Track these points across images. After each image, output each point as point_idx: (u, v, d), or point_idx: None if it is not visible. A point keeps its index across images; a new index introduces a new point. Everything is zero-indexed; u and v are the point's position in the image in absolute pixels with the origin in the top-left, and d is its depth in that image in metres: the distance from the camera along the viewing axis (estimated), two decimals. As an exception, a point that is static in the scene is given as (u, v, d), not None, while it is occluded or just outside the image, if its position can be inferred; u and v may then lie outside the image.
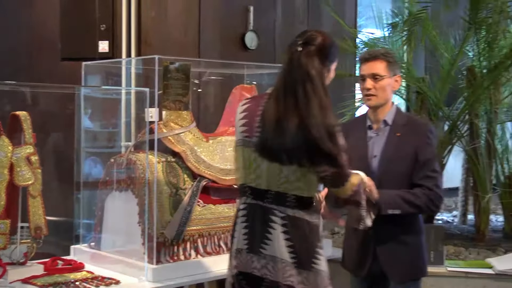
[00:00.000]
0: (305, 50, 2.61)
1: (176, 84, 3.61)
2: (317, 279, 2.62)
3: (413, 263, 3.16)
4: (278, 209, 2.62)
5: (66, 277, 3.20)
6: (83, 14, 4.80)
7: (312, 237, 2.63)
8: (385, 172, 3.10)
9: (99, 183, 3.67)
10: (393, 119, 3.16)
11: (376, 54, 3.16)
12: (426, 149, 3.08)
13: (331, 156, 2.52)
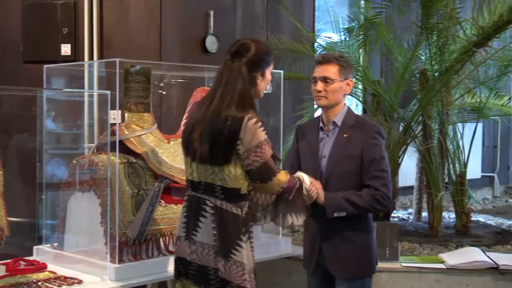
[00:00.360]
0: (235, 61, 2.74)
1: (137, 87, 3.61)
2: (232, 269, 2.68)
3: (358, 261, 3.15)
4: (209, 199, 2.75)
5: (28, 278, 3.18)
6: (45, 17, 4.78)
7: (235, 228, 2.72)
8: (333, 171, 3.12)
9: (62, 184, 3.65)
10: (342, 121, 3.18)
11: (329, 58, 3.18)
12: (372, 149, 3.10)
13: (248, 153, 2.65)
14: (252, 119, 2.65)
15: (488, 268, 3.76)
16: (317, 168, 3.16)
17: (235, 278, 2.69)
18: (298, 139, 3.36)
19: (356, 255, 3.15)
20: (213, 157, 2.70)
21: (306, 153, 3.26)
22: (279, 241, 3.96)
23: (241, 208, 2.74)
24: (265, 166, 2.70)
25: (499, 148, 8.15)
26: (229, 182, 2.70)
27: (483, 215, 6.11)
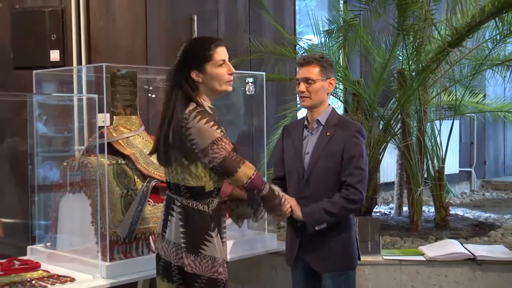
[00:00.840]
0: (177, 60, 2.81)
1: (123, 90, 3.62)
2: (203, 263, 2.71)
3: (339, 256, 3.16)
4: (177, 199, 2.78)
5: (22, 277, 3.18)
6: (34, 24, 4.76)
7: (202, 225, 2.73)
8: (315, 167, 3.14)
9: (54, 185, 3.65)
10: (326, 120, 3.20)
11: (310, 60, 3.20)
12: (352, 146, 3.11)
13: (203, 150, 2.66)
14: (197, 117, 2.66)
15: (465, 259, 3.80)
16: (299, 165, 3.19)
17: (206, 271, 2.72)
18: (283, 138, 3.38)
19: (336, 249, 3.16)
20: (170, 159, 2.74)
21: (290, 150, 3.28)
22: (264, 237, 3.98)
23: (208, 205, 2.76)
24: (227, 161, 2.69)
25: (475, 144, 8.20)
26: (191, 181, 2.73)
27: (461, 209, 6.16)
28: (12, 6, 4.82)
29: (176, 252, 2.75)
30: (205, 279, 2.71)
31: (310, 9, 5.95)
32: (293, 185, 3.23)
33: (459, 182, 7.74)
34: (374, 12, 4.83)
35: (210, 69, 2.76)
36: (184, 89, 2.74)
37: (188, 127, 2.65)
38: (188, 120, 2.66)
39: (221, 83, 2.80)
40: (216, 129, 2.67)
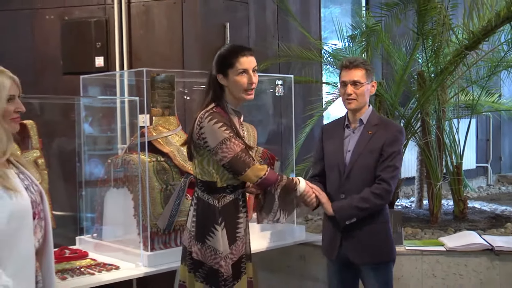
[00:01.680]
0: None
1: (162, 93, 3.62)
2: (207, 252, 2.75)
3: (378, 249, 3.11)
4: (196, 191, 2.87)
5: (72, 264, 3.23)
6: (81, 34, 4.83)
7: (209, 217, 2.76)
8: (355, 164, 3.10)
9: (99, 181, 3.68)
10: (368, 119, 3.16)
11: (356, 63, 3.13)
12: (392, 144, 3.06)
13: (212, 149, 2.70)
14: (207, 118, 2.68)
15: (484, 249, 3.74)
16: (341, 161, 3.14)
17: (209, 260, 2.74)
18: (323, 138, 3.32)
19: (375, 243, 3.11)
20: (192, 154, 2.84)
21: (331, 149, 3.23)
22: (294, 228, 3.95)
23: (218, 200, 2.77)
24: (235, 160, 2.69)
25: (491, 141, 8.08)
26: (204, 175, 2.79)
27: (478, 202, 6.06)
28: (62, 17, 4.90)
29: (189, 238, 2.82)
30: (207, 267, 2.75)
31: (334, 16, 5.91)
32: (333, 180, 3.18)
33: (476, 177, 7.63)
34: (395, 17, 4.79)
35: (231, 76, 2.77)
36: (212, 89, 2.80)
37: (202, 126, 2.71)
38: (202, 119, 2.70)
39: (240, 90, 2.78)
40: (224, 130, 2.68)
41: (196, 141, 2.75)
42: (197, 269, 2.78)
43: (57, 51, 4.89)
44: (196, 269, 2.78)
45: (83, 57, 4.81)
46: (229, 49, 2.86)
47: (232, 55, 2.78)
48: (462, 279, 3.72)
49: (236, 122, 2.86)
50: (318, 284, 3.94)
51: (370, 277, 3.15)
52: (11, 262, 1.99)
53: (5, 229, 1.97)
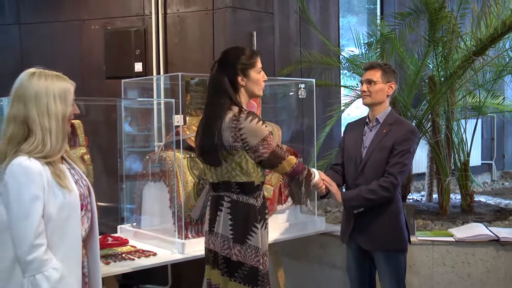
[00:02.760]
0: (214, 68, 2.69)
1: (196, 95, 3.62)
2: (247, 252, 2.58)
3: (385, 238, 3.10)
4: (226, 195, 2.65)
5: (114, 250, 3.24)
6: (122, 42, 4.86)
7: (250, 217, 2.61)
8: (369, 159, 3.10)
9: (138, 175, 3.69)
10: (384, 119, 3.14)
11: (373, 64, 3.19)
12: (402, 143, 3.04)
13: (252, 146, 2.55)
14: (248, 118, 2.55)
15: (490, 240, 3.67)
16: (358, 156, 3.16)
17: (250, 260, 2.59)
18: (346, 132, 3.36)
19: (386, 232, 3.10)
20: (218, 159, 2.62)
21: (351, 144, 3.24)
22: (315, 220, 3.91)
23: (256, 199, 2.63)
24: (274, 155, 2.61)
25: (495, 140, 7.98)
26: (243, 177, 2.60)
27: (484, 196, 5.98)
28: (105, 27, 4.93)
29: (223, 243, 2.62)
30: (248, 267, 2.59)
31: (351, 24, 5.90)
32: (350, 172, 3.20)
33: (481, 173, 7.52)
34: (408, 26, 4.75)
35: (253, 75, 2.68)
36: (229, 93, 2.62)
37: (240, 127, 2.54)
38: (240, 121, 2.54)
39: (259, 88, 2.72)
40: (265, 127, 2.59)
41: (231, 144, 2.56)
42: (235, 271, 2.61)
43: (101, 58, 4.93)
44: (234, 271, 2.61)
45: (123, 63, 4.83)
46: (245, 50, 2.74)
47: (253, 56, 2.71)
48: (470, 267, 3.66)
49: None
50: (336, 270, 3.91)
51: (381, 264, 3.14)
52: (61, 248, 2.02)
53: (56, 219, 2.00)
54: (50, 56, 4.93)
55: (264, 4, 4.87)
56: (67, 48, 5.03)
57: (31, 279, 1.93)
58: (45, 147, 2.01)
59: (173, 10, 4.78)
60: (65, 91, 2.08)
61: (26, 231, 1.92)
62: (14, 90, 2.06)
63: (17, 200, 1.93)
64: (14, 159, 1.97)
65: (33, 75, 2.06)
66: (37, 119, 2.01)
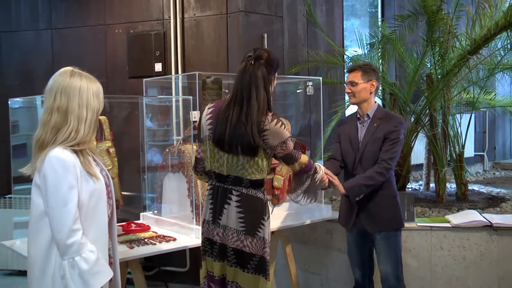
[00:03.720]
0: (256, 63, 2.50)
1: (211, 93, 3.59)
2: (258, 244, 2.49)
3: (388, 219, 3.16)
4: (235, 189, 2.52)
5: (137, 236, 3.24)
6: (143, 44, 4.84)
7: (260, 210, 2.52)
8: (365, 151, 3.14)
9: (158, 167, 3.68)
10: (374, 114, 3.19)
11: (353, 67, 3.21)
12: (392, 133, 3.09)
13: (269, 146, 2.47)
14: (274, 120, 2.45)
15: (484, 225, 3.63)
16: (354, 149, 3.19)
17: (259, 250, 2.50)
18: (340, 128, 3.38)
19: (386, 214, 3.15)
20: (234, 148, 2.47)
21: (346, 138, 3.26)
22: (321, 207, 3.87)
23: (263, 193, 2.55)
24: (288, 156, 2.57)
25: (487, 133, 7.93)
26: (257, 174, 2.50)
27: (477, 185, 5.94)
28: (128, 31, 4.93)
29: (233, 236, 2.50)
30: (258, 257, 2.50)
31: (355, 27, 5.86)
32: (349, 163, 3.24)
33: (474, 164, 7.47)
34: (408, 27, 4.71)
35: (276, 78, 2.63)
36: (268, 92, 2.51)
37: (266, 128, 2.43)
38: (265, 122, 2.43)
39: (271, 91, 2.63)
40: (286, 131, 2.51)
41: (258, 143, 2.44)
42: (248, 262, 2.51)
43: (124, 59, 4.93)
44: (247, 263, 2.51)
45: (145, 63, 4.81)
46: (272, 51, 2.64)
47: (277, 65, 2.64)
48: (465, 251, 3.62)
49: None
50: (341, 254, 3.88)
51: (381, 244, 3.17)
52: (91, 232, 2.05)
53: (87, 206, 2.04)
54: (78, 58, 4.94)
55: (274, 8, 4.82)
56: (94, 50, 5.04)
57: (71, 261, 1.95)
58: (78, 134, 2.05)
59: (190, 15, 4.76)
60: (99, 91, 2.16)
61: (65, 217, 1.95)
62: (56, 85, 2.09)
63: (56, 189, 1.96)
64: (51, 151, 2.00)
65: (74, 73, 2.12)
66: (77, 110, 2.06)
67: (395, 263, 3.17)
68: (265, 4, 4.74)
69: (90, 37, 5.06)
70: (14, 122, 3.35)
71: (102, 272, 2.01)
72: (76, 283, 1.94)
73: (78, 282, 1.94)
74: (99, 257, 2.00)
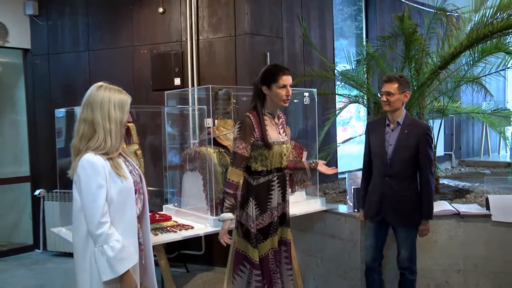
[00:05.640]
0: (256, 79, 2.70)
1: (222, 103, 3.57)
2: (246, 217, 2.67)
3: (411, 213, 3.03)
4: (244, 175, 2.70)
5: (161, 225, 3.22)
6: (164, 62, 4.80)
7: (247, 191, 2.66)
8: (396, 156, 3.00)
9: (178, 166, 3.66)
10: (403, 121, 3.04)
11: (391, 79, 3.03)
12: (425, 143, 2.96)
13: None
14: (236, 123, 2.65)
15: (453, 214, 3.55)
16: (384, 153, 3.03)
17: (246, 222, 2.65)
18: (369, 133, 3.20)
19: (410, 211, 3.02)
20: None
21: (376, 142, 3.10)
22: (317, 199, 3.83)
23: (253, 179, 2.66)
24: (233, 154, 2.67)
25: (454, 135, 7.86)
26: (250, 161, 2.67)
27: (446, 180, 5.84)
28: (152, 51, 4.91)
29: (239, 208, 2.70)
30: (245, 228, 2.66)
31: (344, 46, 5.82)
32: (378, 166, 3.08)
33: (443, 161, 7.40)
34: (388, 47, 4.64)
35: (274, 89, 2.63)
36: (257, 97, 2.66)
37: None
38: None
39: (279, 100, 2.65)
40: (238, 132, 2.62)
41: None
42: (240, 228, 2.71)
43: (148, 74, 4.89)
44: (239, 228, 2.71)
45: (166, 78, 4.77)
46: (274, 67, 2.70)
47: (277, 73, 2.64)
48: (437, 235, 3.54)
49: (271, 121, 2.72)
50: (334, 240, 3.82)
51: (403, 236, 3.06)
52: (121, 224, 2.02)
53: (116, 201, 2.01)
54: (110, 74, 4.93)
55: (275, 31, 4.78)
56: (123, 67, 5.02)
57: (100, 249, 1.95)
58: (106, 145, 2.01)
59: (204, 37, 4.71)
60: (123, 102, 2.08)
61: (94, 211, 1.94)
62: (85, 99, 2.06)
63: (87, 188, 1.95)
64: (84, 155, 1.99)
65: (100, 87, 2.07)
66: (101, 122, 2.01)
67: (411, 248, 3.07)
68: (267, 27, 4.70)
69: (120, 57, 5.04)
70: (59, 129, 3.42)
71: (127, 258, 1.98)
72: (104, 267, 1.94)
73: (106, 266, 1.94)
74: (124, 245, 1.98)
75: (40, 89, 5.43)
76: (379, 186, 3.06)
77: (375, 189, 3.10)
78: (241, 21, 4.54)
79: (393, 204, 3.01)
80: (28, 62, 5.48)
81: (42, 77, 5.41)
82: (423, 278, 3.50)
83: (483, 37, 3.88)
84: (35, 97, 5.47)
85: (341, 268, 3.78)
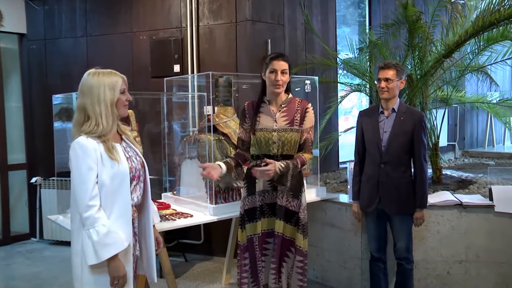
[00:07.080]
0: None
1: (223, 90, 3.57)
2: None
3: (406, 202, 3.07)
4: None
5: (160, 213, 3.22)
6: (164, 48, 4.80)
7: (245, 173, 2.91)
8: (392, 142, 3.02)
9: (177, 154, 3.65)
10: (398, 108, 3.06)
11: (389, 65, 3.05)
12: (419, 130, 3.00)
13: None
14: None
15: (455, 204, 3.59)
16: (379, 140, 3.05)
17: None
18: (362, 121, 3.20)
19: (404, 199, 3.06)
20: None
21: (370, 129, 3.12)
22: (318, 189, 3.85)
23: (250, 162, 2.88)
24: None
25: (458, 125, 7.86)
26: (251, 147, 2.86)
27: (449, 170, 5.88)
28: (151, 37, 4.90)
29: None
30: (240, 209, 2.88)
31: (346, 33, 5.80)
32: (373, 153, 3.09)
33: (447, 152, 7.42)
34: (392, 34, 4.63)
35: (267, 73, 2.77)
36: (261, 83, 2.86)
37: None
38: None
39: (270, 84, 2.77)
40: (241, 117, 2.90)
41: None
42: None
43: (147, 61, 4.89)
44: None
45: (165, 65, 4.77)
46: (270, 54, 2.88)
47: (270, 59, 2.77)
48: (439, 225, 3.58)
49: (268, 108, 2.83)
50: (334, 228, 3.86)
51: (398, 224, 3.09)
52: (113, 209, 2.01)
53: (109, 186, 1.99)
54: (109, 60, 4.92)
55: (277, 18, 4.77)
56: (122, 53, 5.01)
57: (87, 232, 1.96)
58: (99, 128, 2.02)
59: (204, 23, 4.70)
60: (113, 83, 2.07)
61: (83, 194, 1.94)
62: (79, 86, 2.09)
63: (77, 170, 1.97)
64: (76, 138, 2.01)
65: (91, 74, 2.08)
66: (91, 107, 2.03)
67: (408, 238, 3.10)
68: (269, 14, 4.68)
69: (119, 43, 5.03)
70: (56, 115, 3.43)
71: (112, 244, 1.96)
72: (89, 251, 1.95)
73: (91, 250, 1.94)
74: (110, 231, 1.96)
75: (36, 75, 5.43)
76: (374, 174, 3.08)
77: (369, 179, 3.12)
78: (242, 8, 4.53)
79: (390, 191, 3.04)
80: (24, 47, 5.47)
81: (39, 63, 5.40)
82: (424, 268, 3.54)
83: (489, 25, 3.87)
84: (31, 83, 5.46)
85: (341, 258, 3.82)
